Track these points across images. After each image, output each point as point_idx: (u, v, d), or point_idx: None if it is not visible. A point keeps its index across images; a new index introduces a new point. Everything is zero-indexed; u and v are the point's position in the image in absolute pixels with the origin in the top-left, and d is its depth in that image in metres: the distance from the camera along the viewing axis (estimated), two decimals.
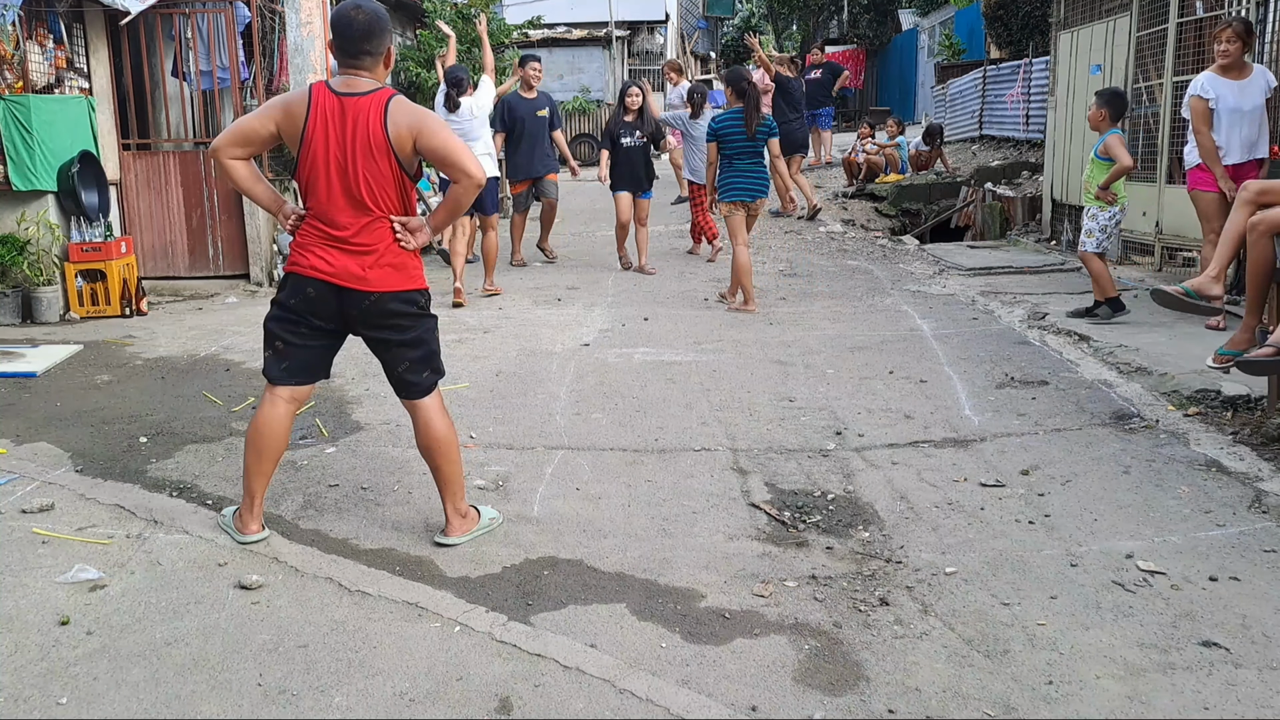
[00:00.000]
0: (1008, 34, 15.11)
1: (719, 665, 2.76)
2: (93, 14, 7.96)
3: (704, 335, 6.55)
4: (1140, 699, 2.58)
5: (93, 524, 3.70)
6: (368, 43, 3.24)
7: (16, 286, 7.29)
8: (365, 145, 3.21)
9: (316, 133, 3.22)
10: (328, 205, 3.28)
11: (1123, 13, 8.73)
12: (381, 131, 3.19)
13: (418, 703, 2.59)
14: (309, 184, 3.30)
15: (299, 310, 3.36)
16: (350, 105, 3.22)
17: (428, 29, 12.68)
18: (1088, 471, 4.09)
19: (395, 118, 3.21)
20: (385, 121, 3.20)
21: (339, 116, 3.22)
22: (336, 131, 3.22)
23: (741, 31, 34.30)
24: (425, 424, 3.47)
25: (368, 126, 3.20)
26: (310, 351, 3.45)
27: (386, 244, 3.31)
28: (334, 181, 3.25)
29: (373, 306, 3.31)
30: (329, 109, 3.22)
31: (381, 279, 3.30)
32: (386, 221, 3.30)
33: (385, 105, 3.21)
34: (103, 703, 2.60)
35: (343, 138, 3.21)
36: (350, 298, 3.31)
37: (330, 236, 3.29)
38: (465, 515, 3.55)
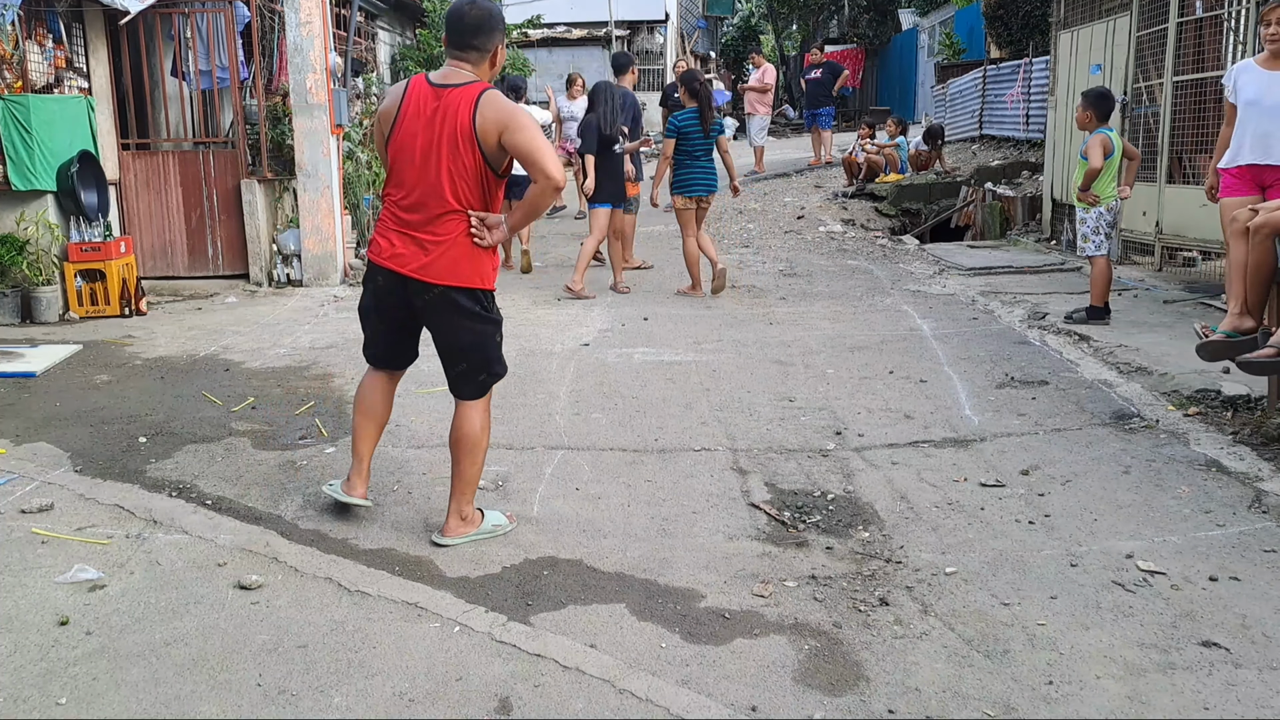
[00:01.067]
0: (1008, 33, 15.10)
1: (719, 665, 2.75)
2: (92, 14, 7.95)
3: (703, 335, 6.55)
4: (1140, 699, 2.58)
5: (92, 524, 3.70)
6: (475, 37, 3.28)
7: (16, 286, 7.29)
8: (451, 135, 3.22)
9: (407, 119, 3.28)
10: (406, 191, 3.31)
11: (1123, 12, 8.73)
12: (469, 123, 3.20)
13: (417, 703, 2.59)
14: (391, 169, 3.36)
15: (373, 297, 3.46)
16: (444, 95, 3.25)
17: (427, 29, 12.66)
18: (1088, 471, 4.08)
19: (484, 110, 3.20)
20: (474, 113, 3.20)
21: (431, 105, 3.25)
22: (426, 119, 3.25)
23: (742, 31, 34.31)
24: (461, 420, 3.47)
25: (456, 117, 3.21)
26: (388, 340, 3.55)
27: (456, 237, 3.29)
28: (415, 168, 3.28)
29: (436, 300, 3.32)
30: (422, 97, 3.27)
31: (446, 272, 3.29)
32: (462, 215, 3.29)
33: (477, 97, 3.22)
34: (102, 703, 2.60)
35: (430, 126, 3.24)
36: (414, 287, 3.32)
37: (403, 222, 3.32)
38: (467, 519, 3.52)
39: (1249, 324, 4.52)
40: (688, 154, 7.56)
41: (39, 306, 7.34)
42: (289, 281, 8.44)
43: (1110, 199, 6.48)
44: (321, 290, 8.24)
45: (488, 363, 3.45)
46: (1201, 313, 6.72)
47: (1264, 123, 5.09)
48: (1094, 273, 6.56)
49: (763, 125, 15.28)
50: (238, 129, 8.33)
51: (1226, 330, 4.55)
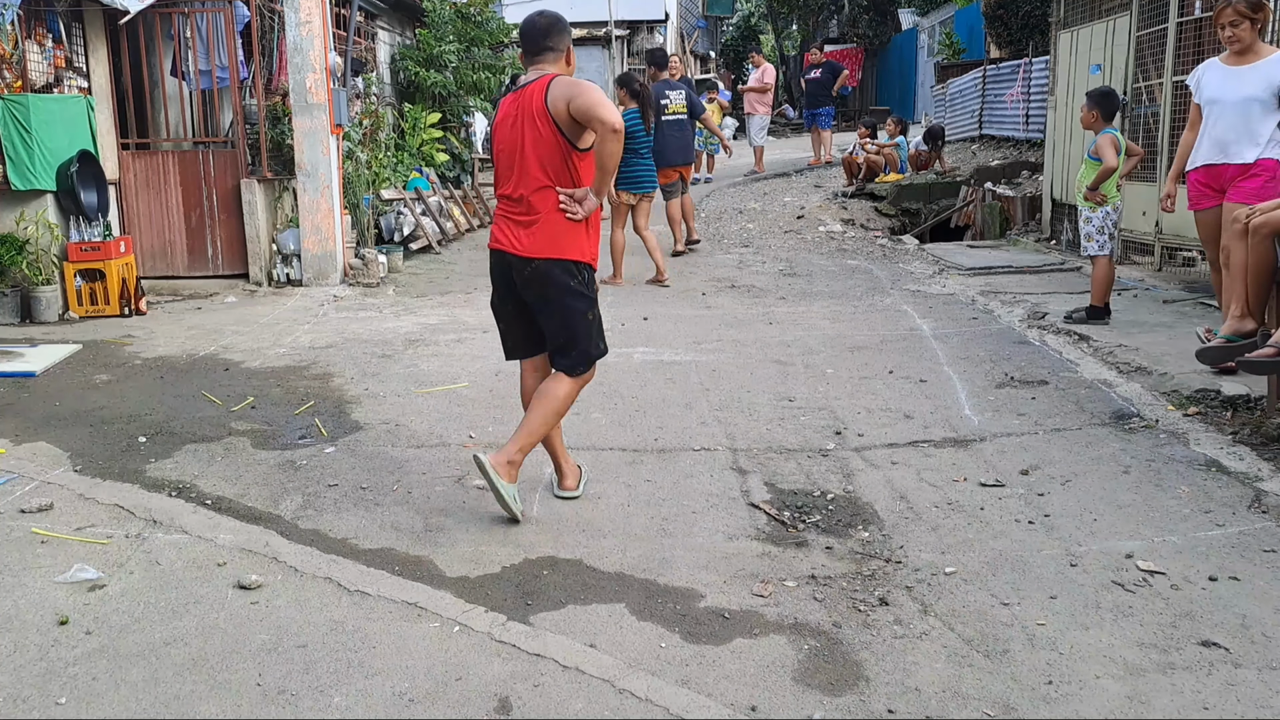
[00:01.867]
0: (1008, 33, 15.09)
1: (718, 665, 2.75)
2: (92, 13, 7.95)
3: (703, 335, 6.55)
4: (1140, 699, 2.58)
5: (92, 524, 3.70)
6: (548, 39, 3.62)
7: (15, 286, 7.28)
8: (530, 118, 3.52)
9: (501, 119, 3.63)
10: (506, 183, 3.63)
11: (1122, 12, 8.73)
12: (543, 102, 3.50)
13: (417, 703, 2.59)
14: (497, 165, 3.69)
15: (494, 286, 3.76)
16: (523, 91, 3.58)
17: (427, 28, 12.66)
18: (1087, 471, 4.08)
19: (554, 90, 3.49)
20: (546, 94, 3.50)
21: (515, 102, 3.60)
22: (513, 114, 3.58)
23: (742, 31, 34.30)
24: (550, 380, 3.69)
25: (532, 102, 3.53)
26: (513, 327, 3.80)
27: (548, 210, 3.55)
28: (509, 158, 3.59)
29: (534, 274, 3.56)
30: (510, 98, 3.64)
31: (540, 245, 3.55)
32: (552, 189, 3.55)
33: (548, 82, 3.53)
34: (102, 703, 2.60)
35: (516, 118, 3.57)
36: (515, 265, 3.59)
37: (507, 212, 3.64)
38: (513, 463, 3.60)
39: (1250, 326, 4.52)
40: (633, 152, 7.89)
41: (38, 306, 7.34)
42: (289, 281, 8.44)
43: (1115, 199, 6.47)
44: (321, 290, 8.24)
45: (580, 337, 3.63)
46: (1201, 313, 6.72)
47: (1222, 121, 5.00)
48: (1096, 273, 6.52)
49: (762, 125, 15.28)
50: (237, 129, 8.32)
51: (1227, 335, 4.55)
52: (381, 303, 7.90)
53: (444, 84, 12.32)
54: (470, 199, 12.21)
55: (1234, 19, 4.94)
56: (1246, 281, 4.48)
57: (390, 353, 6.20)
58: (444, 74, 12.35)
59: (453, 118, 12.82)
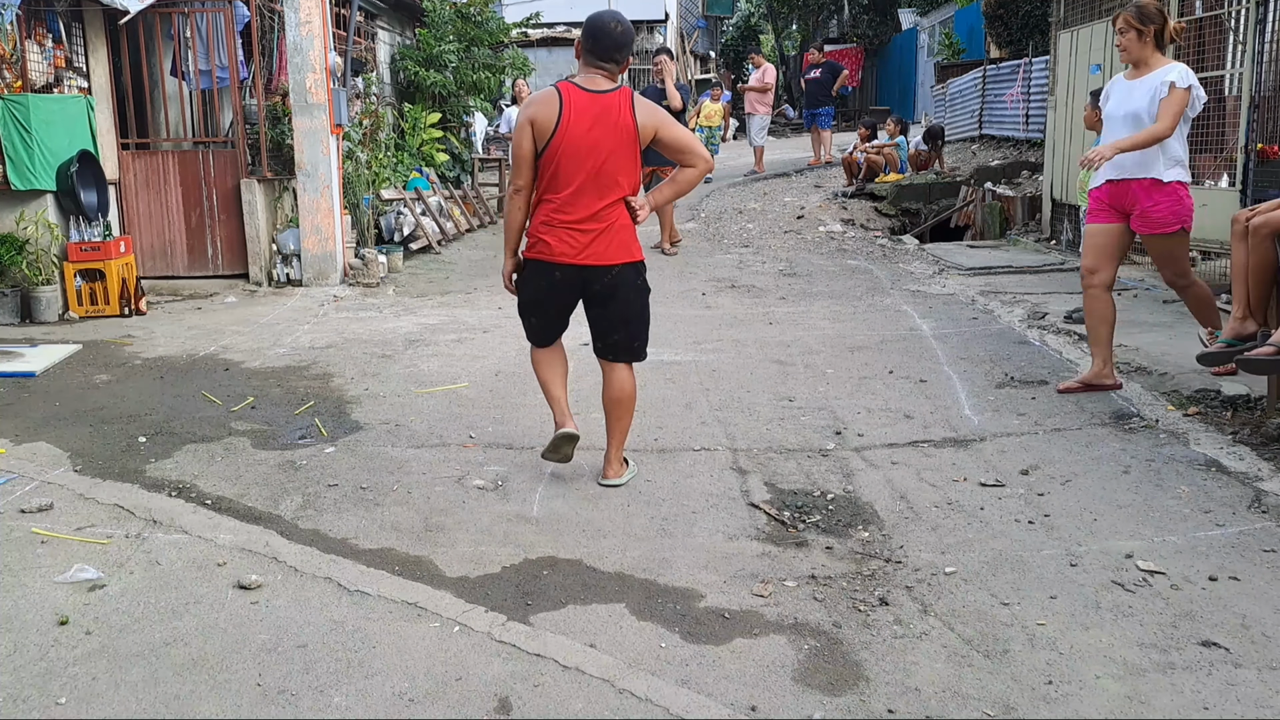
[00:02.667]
0: (1007, 33, 15.09)
1: (718, 665, 2.75)
2: (91, 13, 7.95)
3: (703, 335, 6.55)
4: (1140, 699, 2.58)
5: (92, 524, 3.70)
6: (619, 51, 3.72)
7: (15, 286, 7.28)
8: (617, 133, 3.64)
9: (571, 124, 3.63)
10: (575, 190, 3.68)
11: None
12: (632, 121, 3.66)
13: (417, 703, 2.59)
14: (557, 172, 3.69)
15: (546, 292, 3.87)
16: (601, 100, 3.67)
17: (427, 28, 12.67)
18: (1087, 471, 4.08)
19: (642, 113, 3.70)
20: (634, 114, 3.67)
21: (592, 110, 3.65)
22: (590, 122, 3.63)
23: (742, 31, 34.30)
24: (622, 381, 3.97)
25: (619, 117, 3.65)
26: (553, 322, 4.02)
27: (620, 218, 3.75)
28: (583, 163, 3.65)
29: (614, 280, 3.79)
30: (581, 104, 3.65)
31: (617, 252, 3.76)
32: (621, 205, 3.75)
33: (632, 100, 3.70)
34: (102, 703, 2.60)
35: (595, 125, 3.63)
36: (591, 274, 3.76)
37: (568, 220, 3.71)
38: (624, 462, 4.08)
39: (1251, 328, 4.51)
40: None
41: (38, 306, 7.34)
42: (289, 281, 8.44)
43: None
44: (321, 290, 8.24)
45: (644, 330, 3.96)
46: None
47: (1113, 136, 4.80)
48: None
49: (762, 125, 15.28)
50: (237, 129, 8.32)
51: (1228, 339, 4.54)
52: (381, 303, 7.90)
53: (444, 84, 12.32)
54: (470, 199, 12.21)
55: (1122, 27, 4.78)
56: (1247, 282, 4.47)
57: (390, 353, 6.20)
58: (444, 74, 12.35)
59: (453, 118, 12.83)
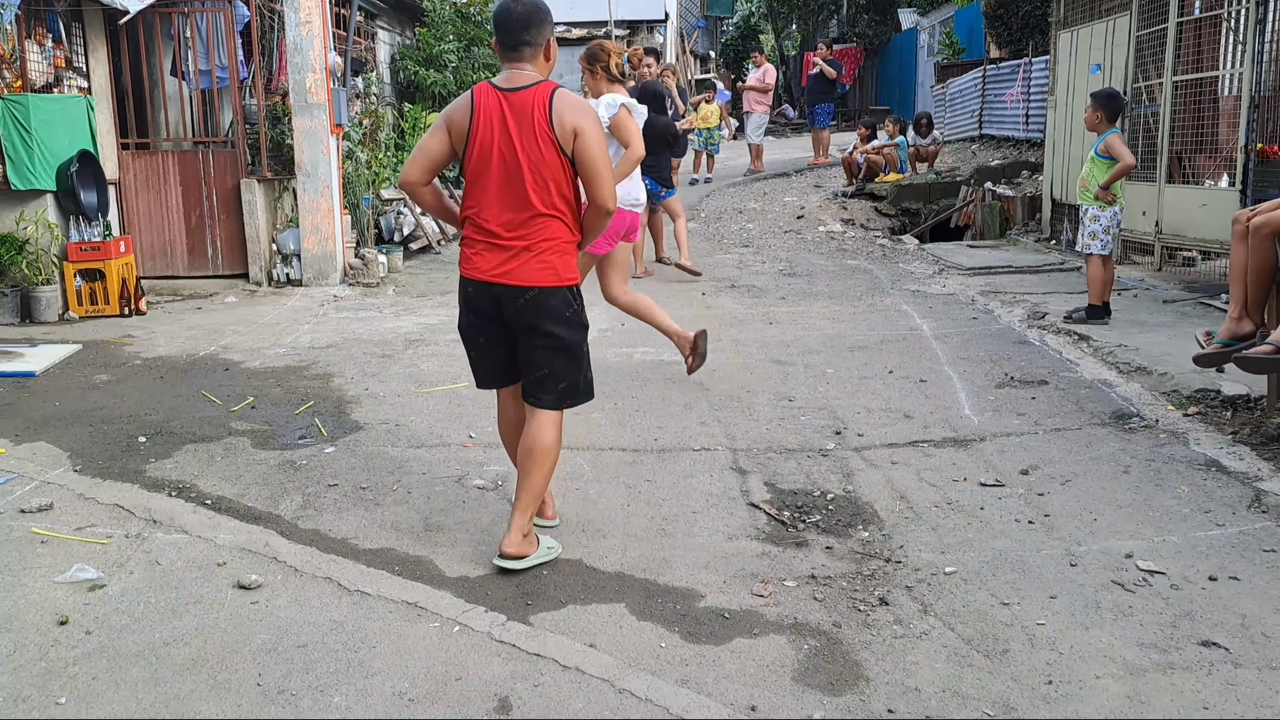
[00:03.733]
0: (1007, 33, 15.09)
1: (718, 665, 2.75)
2: (91, 13, 7.95)
3: None
4: (1140, 699, 2.58)
5: (92, 524, 3.70)
6: (526, 32, 3.19)
7: (15, 286, 7.28)
8: (529, 135, 3.15)
9: (480, 130, 3.18)
10: (488, 202, 3.23)
11: (1122, 12, 8.73)
12: (546, 124, 3.14)
13: (417, 703, 2.59)
14: (471, 182, 3.27)
15: (469, 314, 3.38)
16: (514, 100, 3.16)
17: (427, 28, 12.67)
18: (1087, 471, 4.08)
19: (560, 113, 3.14)
20: (550, 114, 3.14)
21: (502, 112, 3.17)
22: (500, 127, 3.16)
23: (741, 31, 34.30)
24: (533, 429, 3.32)
25: (532, 117, 3.14)
26: (487, 356, 3.42)
27: (543, 237, 3.21)
28: (496, 178, 3.20)
29: (528, 304, 3.22)
30: (492, 106, 3.18)
31: (534, 274, 3.21)
32: (548, 220, 3.21)
33: (549, 97, 3.15)
34: (102, 702, 2.60)
35: (506, 128, 3.16)
36: (506, 295, 3.24)
37: (488, 233, 3.25)
38: (528, 535, 3.33)
39: (1247, 329, 4.51)
40: None
41: (38, 306, 7.34)
42: (289, 281, 8.43)
43: (1122, 198, 6.48)
44: (321, 290, 8.24)
45: (568, 370, 3.31)
46: (1201, 313, 6.73)
47: None
48: (1092, 271, 6.48)
49: (760, 124, 15.25)
50: (237, 128, 8.32)
51: (1224, 339, 4.54)
52: (381, 303, 7.90)
53: (444, 84, 12.32)
54: None
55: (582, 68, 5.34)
56: (1246, 282, 4.47)
57: (390, 353, 6.20)
58: (444, 74, 12.35)
59: None
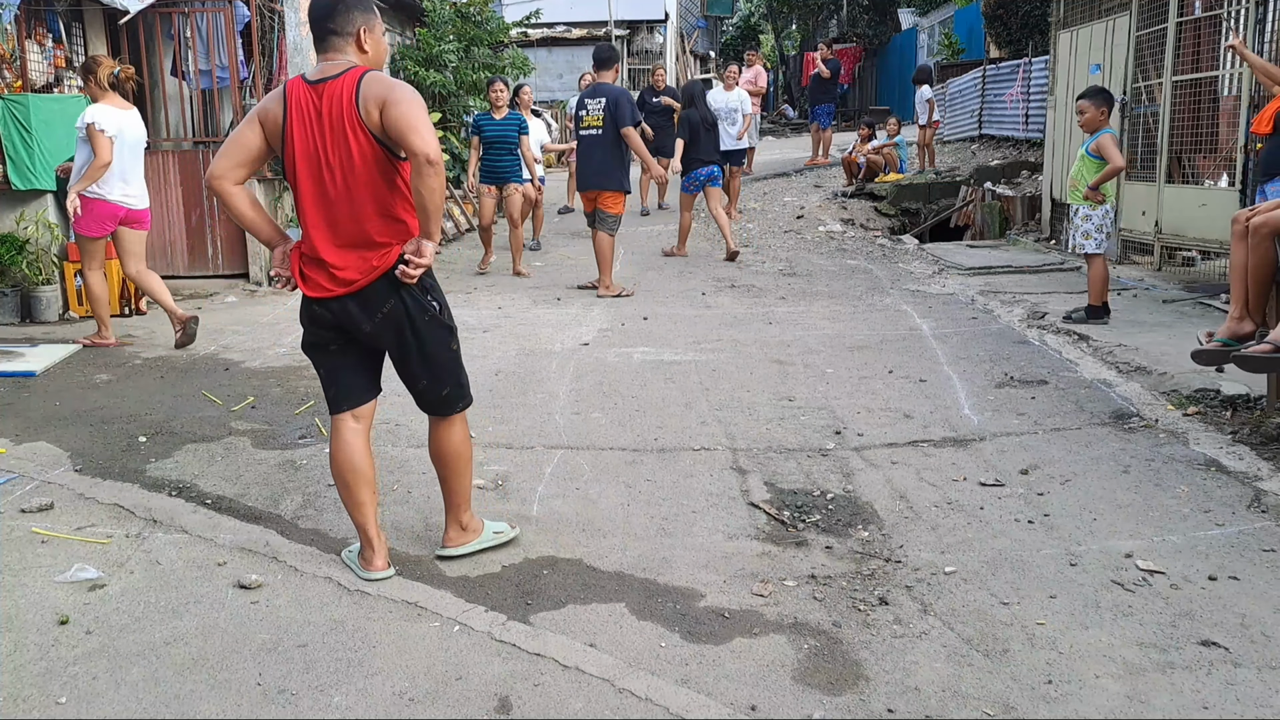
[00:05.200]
0: (1007, 33, 15.11)
1: (718, 664, 2.76)
2: (92, 13, 7.96)
3: (703, 335, 6.55)
4: (1139, 698, 2.58)
5: (92, 523, 3.70)
6: (331, 20, 2.98)
7: (15, 286, 7.28)
8: (339, 127, 2.91)
9: (295, 128, 2.96)
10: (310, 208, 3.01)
11: (1122, 12, 8.74)
12: (353, 107, 2.89)
13: (417, 702, 2.59)
14: (293, 188, 3.03)
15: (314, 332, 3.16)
16: (325, 90, 2.93)
17: (427, 28, 12.67)
18: (1087, 471, 4.09)
19: (365, 90, 2.89)
20: (357, 96, 2.90)
21: (314, 105, 2.94)
22: (313, 121, 2.94)
23: (741, 31, 34.31)
24: (443, 438, 3.28)
25: (340, 106, 2.91)
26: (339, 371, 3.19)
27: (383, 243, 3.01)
28: (309, 180, 2.98)
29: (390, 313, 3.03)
30: (304, 99, 2.95)
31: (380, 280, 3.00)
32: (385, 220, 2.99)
33: (358, 80, 2.92)
34: (102, 702, 2.60)
35: (319, 126, 2.94)
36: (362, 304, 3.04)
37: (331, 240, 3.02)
38: (467, 527, 3.38)
39: (1247, 328, 4.51)
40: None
41: (39, 306, 7.34)
42: None
43: (1112, 197, 6.48)
44: None
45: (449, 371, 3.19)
46: (1201, 312, 6.73)
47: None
48: (1093, 272, 6.49)
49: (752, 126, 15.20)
50: None
51: (1224, 338, 4.55)
52: None
53: (444, 84, 12.32)
54: (470, 199, 12.21)
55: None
56: (1246, 282, 4.48)
57: None
58: (444, 74, 12.35)
59: (452, 117, 12.83)
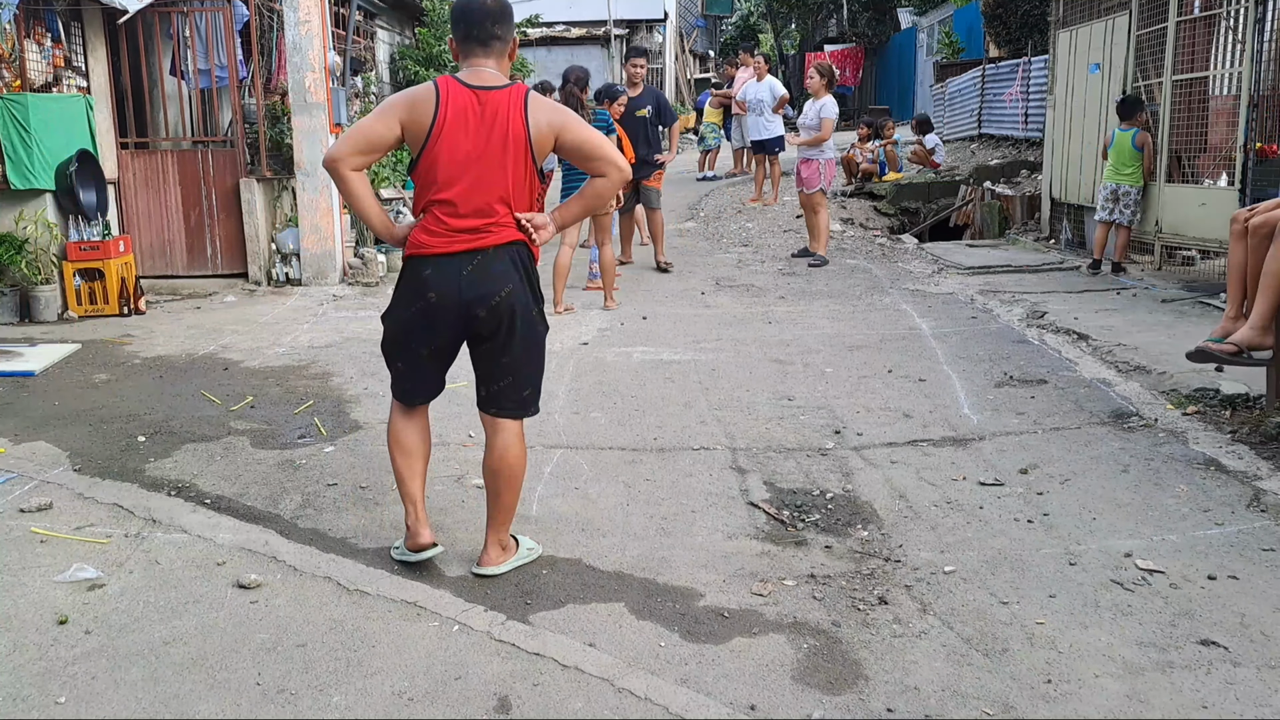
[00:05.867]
0: (1007, 32, 15.11)
1: (718, 664, 2.75)
2: (91, 12, 7.95)
3: (702, 334, 6.55)
4: (1139, 698, 2.58)
5: (91, 523, 3.69)
6: (499, 25, 3.05)
7: (15, 285, 7.28)
8: (502, 141, 2.99)
9: (449, 127, 2.99)
10: (455, 204, 3.03)
11: (1122, 11, 8.74)
12: (523, 127, 3.00)
13: (416, 702, 2.59)
14: (435, 182, 3.04)
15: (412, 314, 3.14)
16: (487, 99, 3.00)
17: (427, 28, 12.66)
18: (1086, 470, 4.09)
19: (536, 113, 3.01)
20: (526, 117, 3.00)
21: (475, 111, 3.00)
22: (474, 126, 2.99)
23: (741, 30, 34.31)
24: (505, 446, 3.23)
25: (508, 122, 2.99)
26: (423, 367, 3.23)
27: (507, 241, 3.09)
28: (467, 179, 3.01)
29: (502, 302, 3.06)
30: (462, 103, 2.99)
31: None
32: (512, 221, 3.08)
33: (524, 100, 3.02)
34: (101, 702, 2.60)
35: (480, 133, 2.99)
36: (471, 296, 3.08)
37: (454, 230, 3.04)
38: (506, 547, 3.33)
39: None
40: None
41: (38, 305, 7.34)
42: (288, 280, 8.43)
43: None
44: (320, 289, 8.24)
45: (536, 374, 3.23)
46: (1200, 312, 6.73)
47: None
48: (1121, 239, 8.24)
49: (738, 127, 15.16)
50: (236, 128, 8.32)
51: (1218, 337, 4.54)
52: (381, 302, 7.86)
53: None
54: None
55: None
56: (1244, 282, 4.47)
57: None
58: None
59: None
